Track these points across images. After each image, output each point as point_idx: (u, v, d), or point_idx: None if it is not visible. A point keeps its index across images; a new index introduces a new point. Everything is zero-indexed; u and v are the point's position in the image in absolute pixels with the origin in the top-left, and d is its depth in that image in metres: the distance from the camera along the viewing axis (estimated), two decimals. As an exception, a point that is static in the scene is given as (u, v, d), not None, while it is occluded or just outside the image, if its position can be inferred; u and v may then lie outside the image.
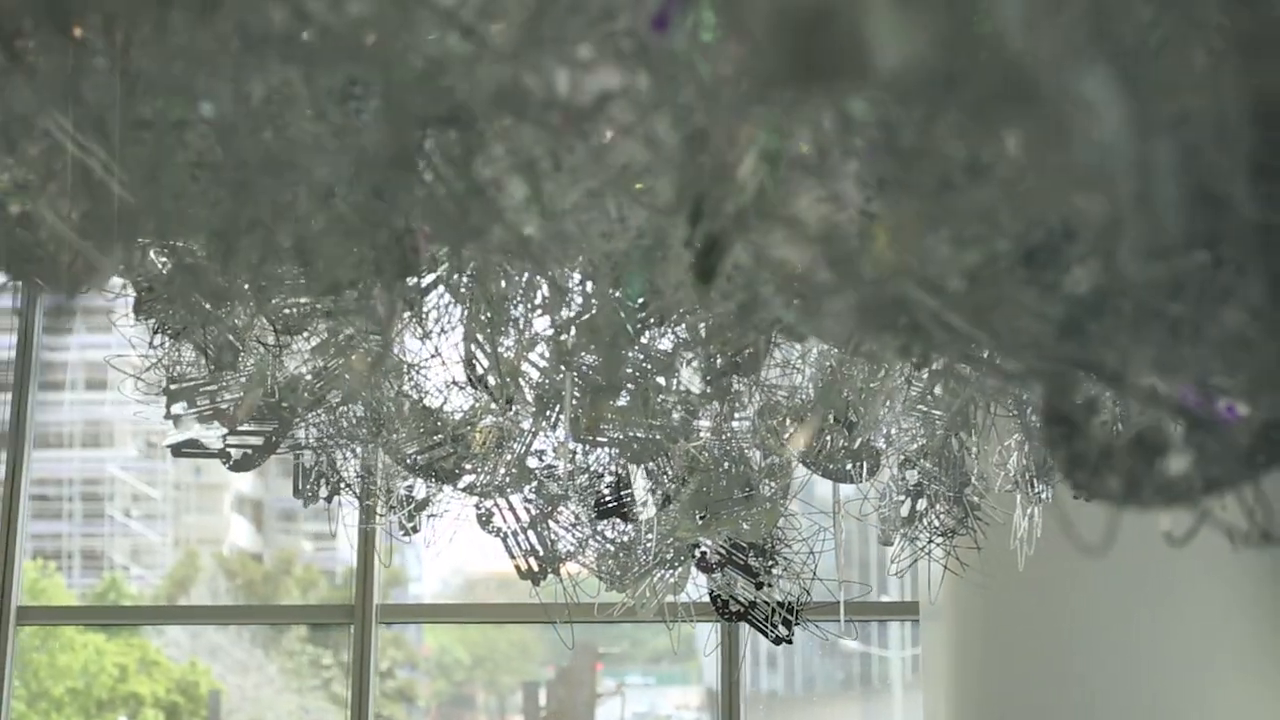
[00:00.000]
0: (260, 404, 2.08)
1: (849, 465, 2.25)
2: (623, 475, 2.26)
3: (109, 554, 7.31)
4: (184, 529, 7.54)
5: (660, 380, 1.95)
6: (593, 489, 2.29)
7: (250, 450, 2.16)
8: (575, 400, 1.90)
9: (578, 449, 2.21)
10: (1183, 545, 1.07)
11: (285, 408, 2.08)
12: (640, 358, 1.90)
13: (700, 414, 2.10)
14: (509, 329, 1.88)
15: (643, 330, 1.79)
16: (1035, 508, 2.48)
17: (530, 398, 1.99)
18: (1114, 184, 0.99)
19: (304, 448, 2.31)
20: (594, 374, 1.87)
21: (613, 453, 2.19)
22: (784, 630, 2.57)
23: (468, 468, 2.24)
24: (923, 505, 2.43)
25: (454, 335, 1.97)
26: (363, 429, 2.19)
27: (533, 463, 2.30)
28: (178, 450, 2.20)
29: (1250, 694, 4.48)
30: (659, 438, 2.05)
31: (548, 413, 2.02)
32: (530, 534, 2.38)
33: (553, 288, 1.79)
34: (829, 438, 2.17)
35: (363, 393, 2.08)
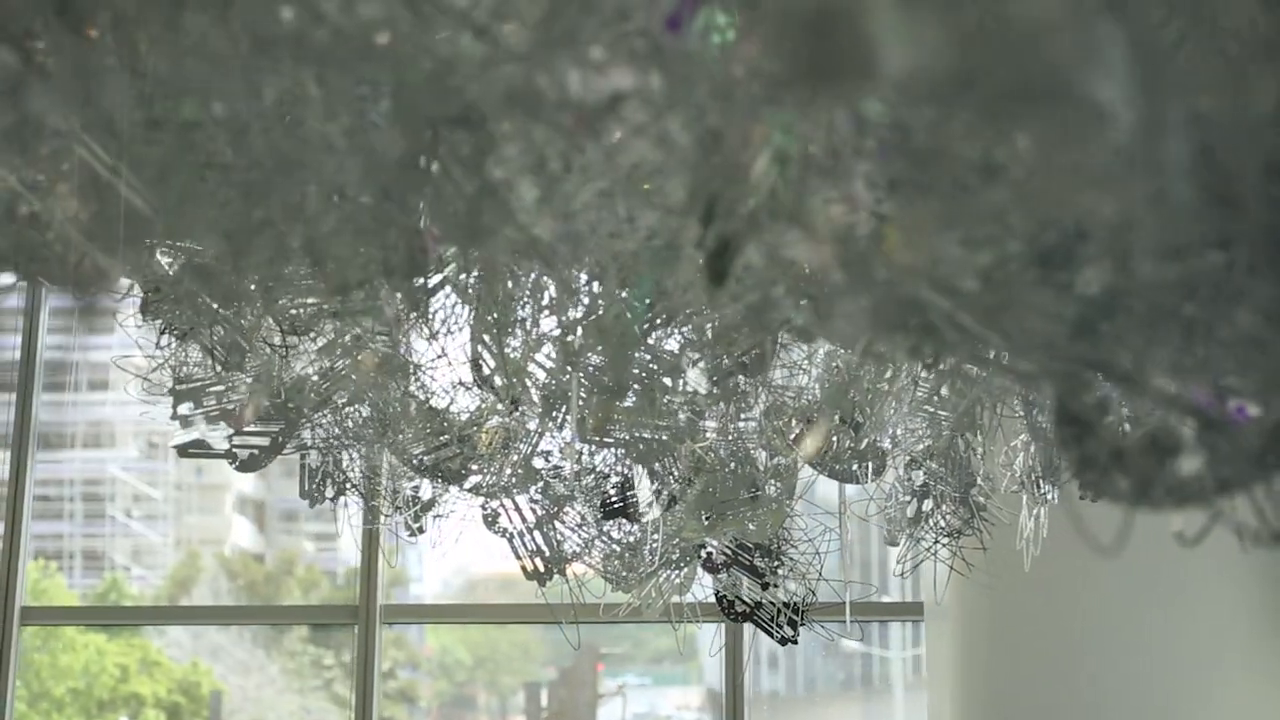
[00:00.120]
0: (267, 404, 2.07)
1: (855, 466, 2.25)
2: (629, 476, 2.26)
3: (110, 554, 7.30)
4: (185, 529, 7.53)
5: (667, 381, 1.95)
6: (599, 489, 2.29)
7: (257, 451, 2.16)
8: (582, 401, 1.90)
9: (584, 449, 2.21)
10: (1194, 545, 1.07)
11: (292, 408, 2.08)
12: (647, 358, 1.90)
13: (707, 415, 2.10)
14: (516, 329, 1.88)
15: (650, 331, 1.79)
16: (1041, 508, 2.48)
17: (536, 398, 1.98)
18: (1127, 185, 0.99)
19: (310, 448, 2.31)
20: (601, 375, 1.87)
21: (619, 453, 2.19)
22: (789, 631, 2.57)
23: (474, 468, 2.24)
24: (928, 506, 2.43)
25: (461, 336, 1.97)
26: (369, 429, 2.18)
27: (539, 463, 2.30)
28: (184, 451, 2.19)
29: (1258, 693, 4.48)
30: (665, 438, 2.05)
31: (554, 413, 2.02)
32: (536, 534, 2.38)
33: (560, 288, 1.79)
34: (835, 438, 2.17)
35: (369, 393, 2.08)
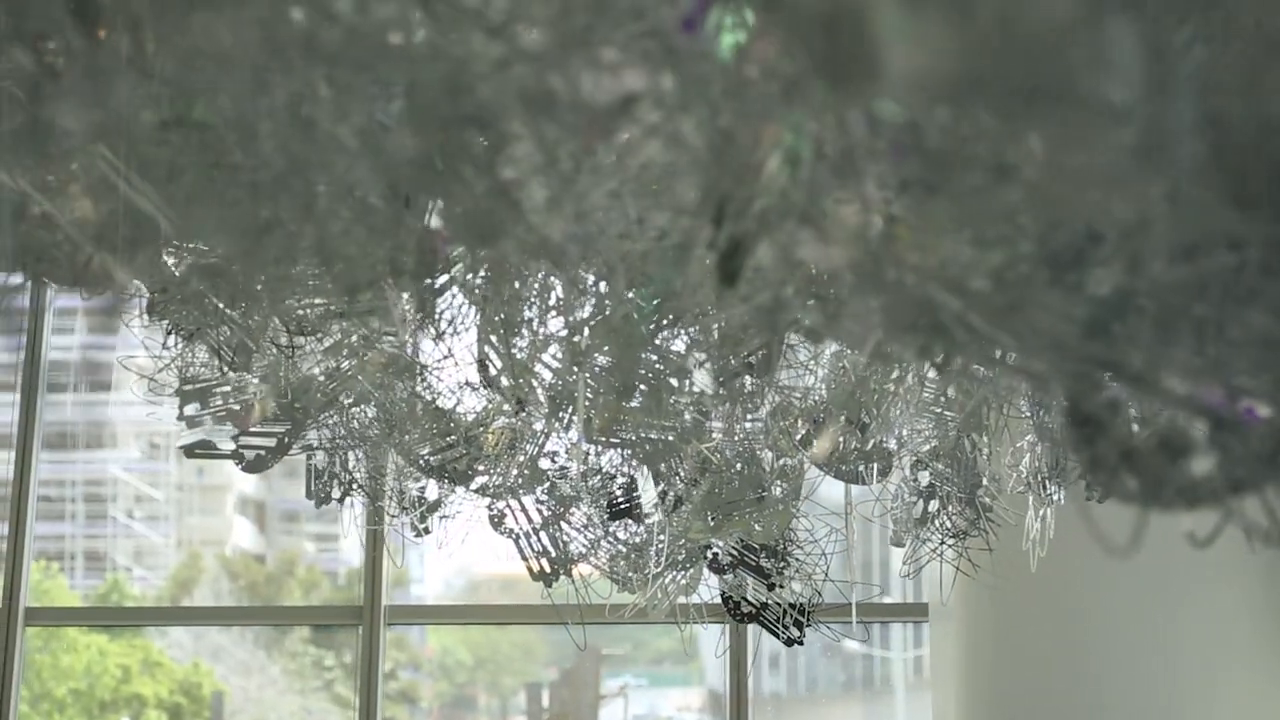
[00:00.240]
0: (273, 405, 2.07)
1: (861, 467, 2.25)
2: (635, 477, 2.26)
3: (111, 555, 7.29)
4: (187, 530, 7.53)
5: (673, 381, 1.95)
6: (605, 490, 2.29)
7: (263, 451, 2.16)
8: (588, 401, 1.90)
9: (590, 450, 2.21)
10: (1205, 546, 1.07)
11: (298, 409, 2.08)
12: (654, 359, 1.90)
13: (713, 415, 2.10)
14: (523, 330, 1.88)
15: (657, 332, 1.79)
16: (1047, 509, 2.48)
17: (543, 399, 1.98)
18: (1140, 185, 0.99)
19: (316, 448, 2.30)
20: (608, 375, 1.87)
21: (625, 454, 2.18)
22: (795, 632, 2.57)
23: (480, 469, 2.24)
24: (934, 507, 2.43)
25: (467, 336, 1.97)
26: (375, 430, 2.18)
27: (545, 464, 2.29)
28: (190, 451, 2.19)
29: (1263, 694, 4.47)
30: (672, 439, 2.05)
31: (561, 414, 2.01)
32: (542, 535, 2.38)
33: (568, 288, 1.79)
34: (842, 439, 2.17)
35: (376, 394, 2.08)
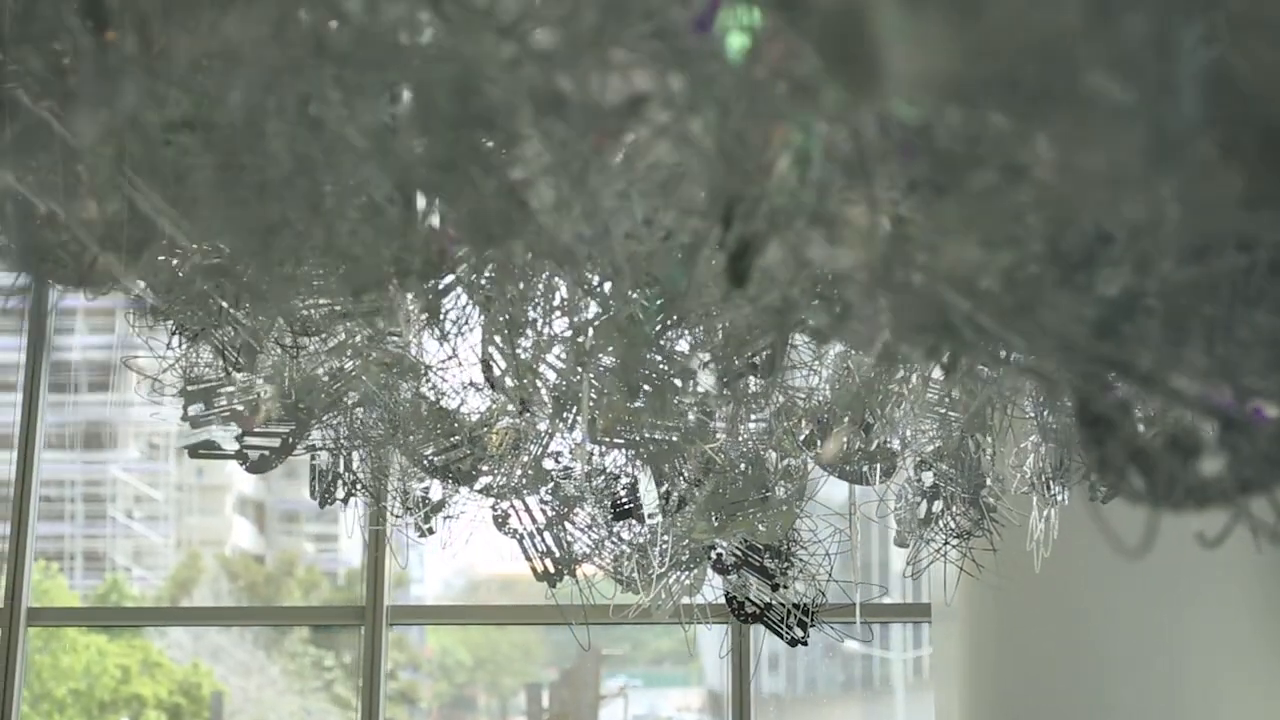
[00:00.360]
0: (277, 405, 2.07)
1: (865, 467, 2.25)
2: (636, 479, 2.26)
3: (111, 555, 7.29)
4: (186, 530, 7.52)
5: (677, 382, 1.94)
6: (609, 491, 2.29)
7: (267, 452, 2.15)
8: (592, 402, 1.90)
9: (594, 450, 2.21)
10: (1215, 547, 1.07)
11: (302, 409, 2.08)
12: (658, 359, 1.90)
13: (717, 415, 2.10)
14: (527, 330, 1.88)
15: (662, 333, 1.79)
16: (1051, 510, 2.48)
17: (547, 399, 1.98)
18: (1150, 187, 0.99)
19: (320, 449, 2.30)
20: (612, 375, 1.87)
21: (629, 454, 2.18)
22: (799, 632, 2.57)
23: (484, 469, 2.24)
24: (938, 507, 2.42)
25: (472, 337, 1.97)
26: (379, 430, 2.18)
27: (549, 464, 2.29)
28: (194, 452, 2.19)
29: (1267, 694, 4.47)
30: (675, 439, 2.05)
31: (565, 414, 2.01)
32: (546, 536, 2.38)
33: (572, 289, 1.79)
34: (846, 440, 2.17)
35: (380, 394, 2.07)
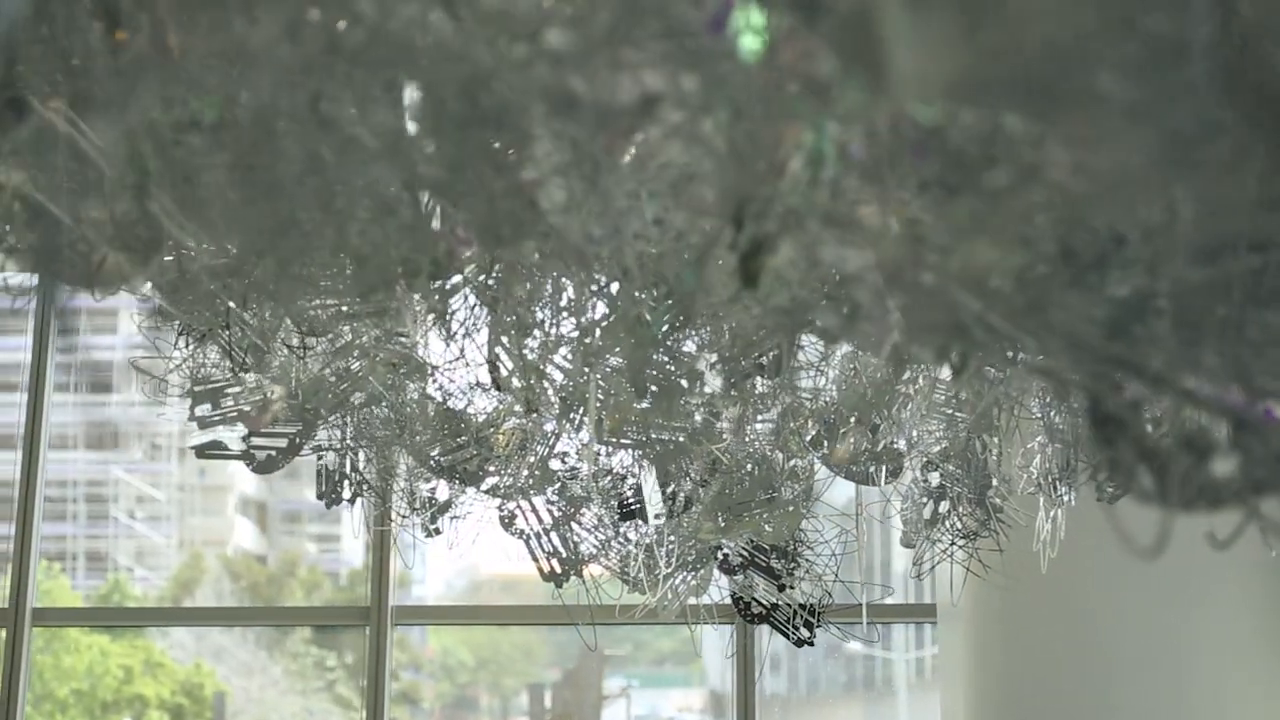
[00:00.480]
0: (284, 406, 2.07)
1: (871, 468, 2.25)
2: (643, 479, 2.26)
3: (113, 555, 7.29)
4: (188, 531, 7.53)
5: (683, 383, 1.94)
6: (615, 491, 2.29)
7: (274, 452, 2.15)
8: (599, 402, 1.90)
9: (601, 451, 2.21)
10: (1227, 547, 1.07)
11: (309, 410, 2.08)
12: (665, 360, 1.90)
13: (723, 416, 2.10)
14: (534, 331, 1.88)
15: (670, 334, 1.79)
16: (1058, 510, 2.47)
17: (554, 399, 1.98)
18: (1163, 188, 0.99)
19: (327, 449, 2.30)
20: (619, 376, 1.87)
21: (636, 455, 2.18)
22: (805, 632, 2.56)
23: (491, 469, 2.24)
24: (945, 508, 2.42)
25: (479, 337, 1.97)
26: (386, 430, 2.18)
27: (556, 465, 2.29)
28: (201, 452, 2.19)
29: (1273, 695, 4.47)
30: (682, 440, 2.05)
31: (571, 415, 2.01)
32: (553, 536, 2.38)
33: (579, 290, 1.79)
34: (852, 440, 2.17)
35: (387, 394, 2.07)
